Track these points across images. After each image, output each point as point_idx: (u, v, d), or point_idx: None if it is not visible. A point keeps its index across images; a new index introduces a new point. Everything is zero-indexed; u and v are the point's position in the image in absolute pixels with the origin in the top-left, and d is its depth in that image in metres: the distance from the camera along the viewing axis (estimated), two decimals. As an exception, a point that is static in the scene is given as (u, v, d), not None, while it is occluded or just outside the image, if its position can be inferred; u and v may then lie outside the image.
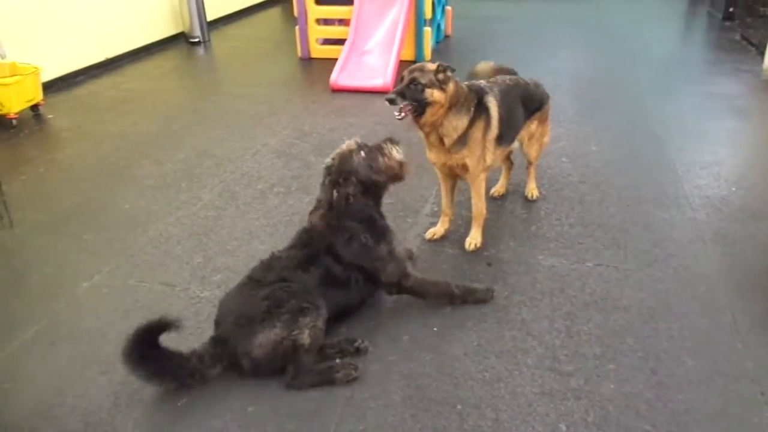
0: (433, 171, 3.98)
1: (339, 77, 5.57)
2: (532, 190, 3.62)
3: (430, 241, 3.19)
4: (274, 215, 3.50)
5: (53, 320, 2.69)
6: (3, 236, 3.31)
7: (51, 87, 5.46)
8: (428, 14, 6.11)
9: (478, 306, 2.71)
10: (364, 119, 4.92)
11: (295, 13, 6.38)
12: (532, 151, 3.50)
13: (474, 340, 2.52)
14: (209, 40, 7.41)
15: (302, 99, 5.54)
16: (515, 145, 3.35)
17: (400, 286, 2.60)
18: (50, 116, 5.03)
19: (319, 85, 5.70)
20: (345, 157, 2.58)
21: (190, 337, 2.46)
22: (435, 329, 2.58)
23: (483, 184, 3.08)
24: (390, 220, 3.33)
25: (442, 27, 7.07)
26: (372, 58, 5.85)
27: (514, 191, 3.71)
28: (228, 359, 2.29)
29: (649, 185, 3.76)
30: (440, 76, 2.79)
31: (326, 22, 6.53)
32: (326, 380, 2.29)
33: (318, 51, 6.50)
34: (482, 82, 3.06)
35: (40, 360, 2.46)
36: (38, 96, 4.93)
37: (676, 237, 3.21)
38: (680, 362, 2.37)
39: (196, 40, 7.29)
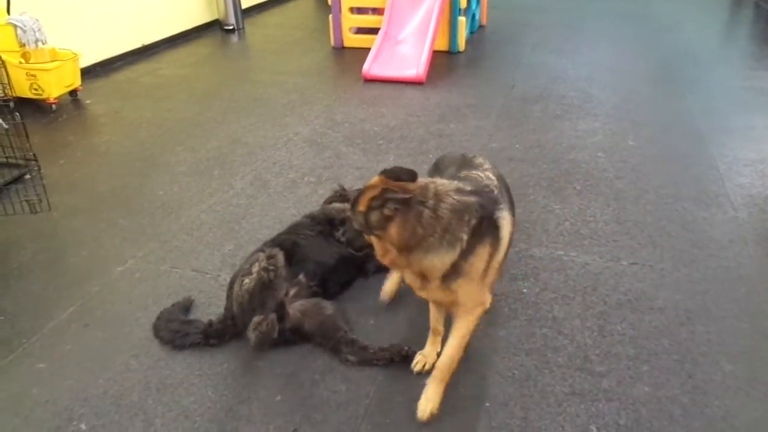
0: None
1: (372, 67, 5.54)
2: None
3: (419, 373, 2.29)
4: (305, 204, 3.50)
5: (88, 303, 2.74)
6: (42, 219, 3.38)
7: (89, 73, 5.56)
8: (463, 3, 6.02)
9: (509, 302, 2.67)
10: (396, 110, 4.88)
11: (329, 2, 6.35)
12: None
13: (503, 336, 2.48)
14: (243, 28, 7.44)
15: (334, 88, 5.53)
16: None
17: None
18: (88, 101, 5.12)
19: (352, 75, 5.68)
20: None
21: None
22: (464, 324, 2.55)
23: (473, 327, 2.08)
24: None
25: (477, 17, 6.96)
26: (405, 47, 5.79)
27: (548, 185, 3.64)
28: (233, 327, 2.43)
29: (689, 182, 3.64)
30: (373, 217, 1.84)
31: (360, 10, 6.49)
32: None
33: (351, 40, 6.47)
34: (485, 182, 2.10)
35: (74, 341, 2.52)
36: (77, 81, 5.02)
37: (715, 237, 3.10)
38: (718, 367, 2.29)
39: (231, 27, 7.32)
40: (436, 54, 5.82)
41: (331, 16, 6.43)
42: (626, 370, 2.29)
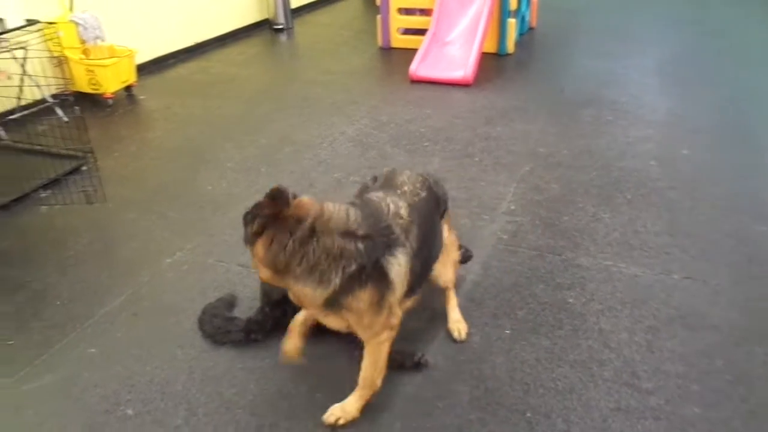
0: (511, 167, 3.91)
1: (419, 68, 5.52)
2: (457, 323, 2.52)
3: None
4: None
5: (137, 292, 2.82)
6: (97, 210, 3.50)
7: (144, 69, 5.71)
8: (513, 5, 5.94)
9: (553, 311, 2.62)
10: (442, 111, 4.85)
11: (377, 2, 6.37)
12: (449, 272, 2.48)
13: (547, 346, 2.43)
14: (292, 27, 7.53)
15: (381, 89, 5.54)
16: None
17: None
18: (142, 97, 5.27)
19: (399, 75, 5.67)
20: None
21: (263, 320, 2.52)
22: (507, 332, 2.51)
23: (383, 349, 2.05)
24: (464, 217, 3.35)
25: (527, 19, 6.86)
26: (453, 49, 5.75)
27: (597, 193, 3.55)
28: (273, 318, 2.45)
29: (747, 195, 3.50)
30: (248, 228, 1.87)
31: (408, 11, 6.48)
32: None
33: (398, 41, 6.46)
34: (400, 220, 2.01)
35: (123, 329, 2.59)
36: (132, 78, 5.17)
37: (775, 253, 2.97)
38: (775, 390, 2.19)
39: (280, 27, 7.42)
40: (484, 56, 5.75)
41: (379, 16, 6.44)
42: (675, 388, 2.21)
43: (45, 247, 3.20)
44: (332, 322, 2.00)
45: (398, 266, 1.92)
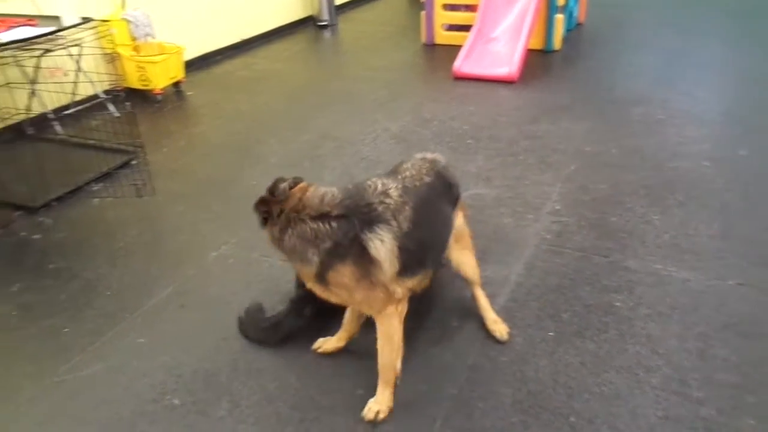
0: (557, 166, 3.83)
1: (463, 64, 5.47)
2: (496, 323, 2.48)
3: (316, 351, 2.41)
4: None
5: (184, 285, 2.88)
6: (146, 203, 3.60)
7: (191, 66, 5.84)
8: (561, 0, 5.82)
9: (599, 314, 2.56)
10: (486, 108, 4.79)
11: (422, -1, 6.34)
12: (469, 260, 2.45)
13: (593, 350, 2.38)
14: (336, 24, 7.57)
15: (424, 85, 5.51)
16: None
17: None
18: (190, 93, 5.38)
19: (442, 72, 5.63)
20: None
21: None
22: (551, 334, 2.47)
23: (394, 324, 2.09)
24: (508, 216, 3.30)
25: (575, 14, 6.70)
26: (498, 45, 5.68)
27: (647, 194, 3.44)
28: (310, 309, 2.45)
29: (808, 198, 3.34)
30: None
31: (452, 7, 6.42)
32: None
33: (442, 37, 6.42)
34: (388, 199, 2.03)
35: (170, 320, 2.66)
36: (181, 74, 5.29)
37: (838, 260, 2.83)
38: (837, 405, 2.09)
39: (324, 23, 7.47)
40: (529, 53, 5.65)
41: (423, 12, 6.40)
42: (729, 399, 2.13)
43: (97, 238, 3.31)
44: (330, 297, 2.08)
45: (380, 242, 1.96)
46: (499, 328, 2.45)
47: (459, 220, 2.38)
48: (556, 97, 4.92)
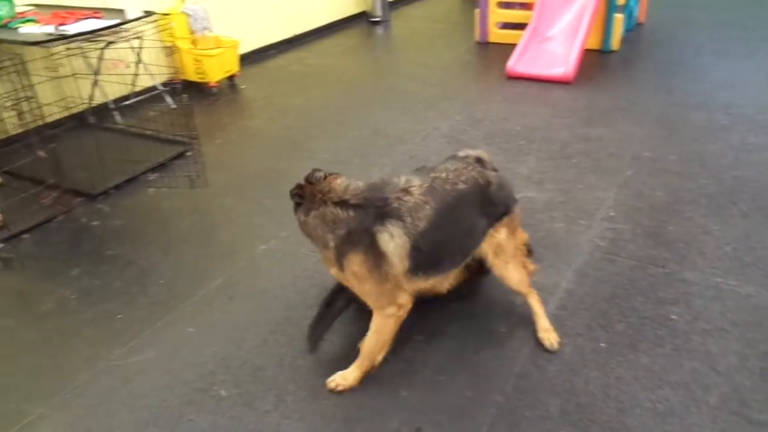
0: (612, 171, 3.71)
1: (517, 64, 5.37)
2: (547, 332, 2.42)
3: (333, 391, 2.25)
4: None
5: (233, 277, 2.93)
6: (199, 194, 3.68)
7: (245, 60, 5.93)
8: (621, 0, 5.64)
9: (654, 327, 2.47)
10: (540, 109, 4.69)
11: (477, -4, 6.25)
12: (512, 274, 2.39)
13: (647, 364, 2.29)
14: (389, 20, 7.56)
15: (476, 84, 5.44)
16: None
17: None
18: (243, 87, 5.47)
19: (495, 71, 5.55)
20: None
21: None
22: (602, 345, 2.40)
23: (389, 324, 2.17)
24: (560, 221, 3.22)
25: (635, 14, 6.48)
26: (554, 45, 5.55)
27: (707, 203, 3.30)
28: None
29: None
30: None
31: (507, 5, 6.32)
32: None
33: (496, 35, 6.32)
34: (409, 195, 2.10)
35: (220, 311, 2.71)
36: (236, 67, 5.39)
37: None
38: None
39: (377, 19, 7.46)
40: (586, 53, 5.49)
41: (477, 10, 6.32)
42: (793, 423, 2.02)
43: (151, 227, 3.40)
44: (348, 284, 2.19)
45: (389, 237, 2.03)
46: (549, 336, 2.40)
47: (500, 234, 2.33)
48: (613, 99, 4.78)
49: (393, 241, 2.04)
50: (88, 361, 2.45)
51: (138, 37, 4.51)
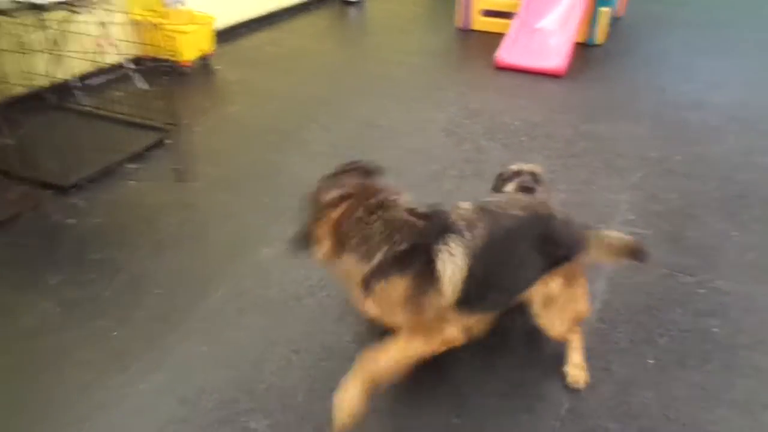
0: (622, 172, 3.63)
1: (506, 54, 5.22)
2: (576, 368, 2.18)
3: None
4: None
5: (238, 285, 2.65)
6: (187, 188, 3.34)
7: (217, 37, 5.51)
8: (606, -8, 5.58)
9: (696, 341, 2.38)
10: (537, 104, 4.57)
11: (460, -19, 6.05)
12: (554, 323, 2.10)
13: (698, 382, 2.20)
14: (363, 1, 7.24)
15: (466, 74, 5.26)
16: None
17: None
18: (218, 68, 5.07)
19: (482, 61, 5.38)
20: None
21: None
22: (650, 361, 2.29)
23: (417, 351, 1.85)
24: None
25: (614, 7, 6.46)
26: (544, 36, 5.42)
27: (720, 207, 3.26)
28: None
29: None
30: (327, 196, 1.84)
31: (491, -8, 6.15)
32: None
33: (480, 23, 6.14)
34: (460, 210, 1.89)
35: (231, 326, 2.43)
36: (210, 46, 4.98)
37: None
38: None
39: (351, 0, 7.14)
40: (576, 46, 5.41)
41: (460, -5, 6.12)
42: None
43: (138, 226, 3.04)
44: (369, 308, 1.84)
45: (449, 256, 1.75)
46: (578, 374, 2.16)
47: (554, 284, 2.00)
48: (608, 96, 4.71)
49: (454, 260, 1.75)
50: (84, 390, 2.12)
51: (103, 9, 4.06)
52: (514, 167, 2.44)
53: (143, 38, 4.54)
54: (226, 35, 5.66)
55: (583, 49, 5.65)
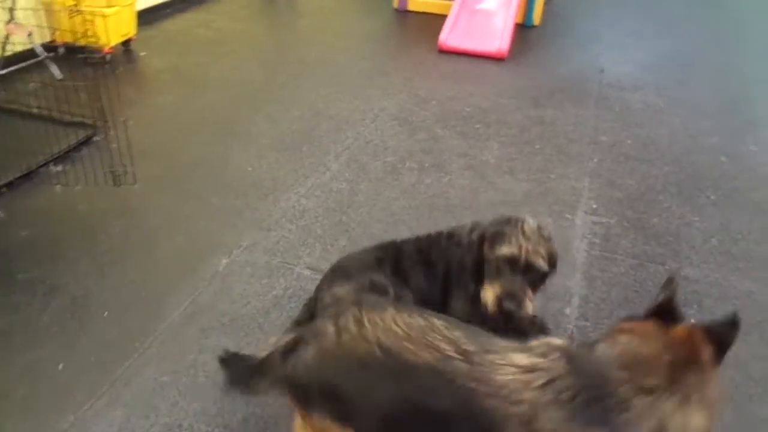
0: (577, 158, 3.61)
1: (449, 37, 5.10)
2: None
3: None
4: (414, 195, 3.15)
5: (198, 302, 2.39)
6: (124, 192, 3.00)
7: (139, 19, 5.05)
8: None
9: None
10: (484, 89, 4.49)
11: (397, -40, 5.86)
12: None
13: None
14: (292, -20, 6.90)
15: (408, 58, 5.10)
16: None
17: None
18: (142, 53, 4.64)
19: (424, 44, 5.24)
20: None
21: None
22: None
23: None
24: (545, 216, 3.05)
25: (547, -11, 6.49)
26: (485, 18, 5.36)
27: (677, 192, 3.31)
28: None
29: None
30: None
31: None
32: None
33: (417, 4, 5.99)
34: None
35: (195, 351, 2.18)
36: (132, 30, 4.54)
37: None
38: None
39: (279, -22, 6.78)
40: (516, 27, 5.38)
41: (396, -25, 5.93)
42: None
43: (72, 238, 2.69)
44: None
45: None
46: None
47: None
48: (550, 78, 4.70)
49: None
50: (30, 437, 1.84)
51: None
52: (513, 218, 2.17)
53: (57, 23, 4.05)
54: (148, 16, 5.20)
55: (522, 31, 5.63)
